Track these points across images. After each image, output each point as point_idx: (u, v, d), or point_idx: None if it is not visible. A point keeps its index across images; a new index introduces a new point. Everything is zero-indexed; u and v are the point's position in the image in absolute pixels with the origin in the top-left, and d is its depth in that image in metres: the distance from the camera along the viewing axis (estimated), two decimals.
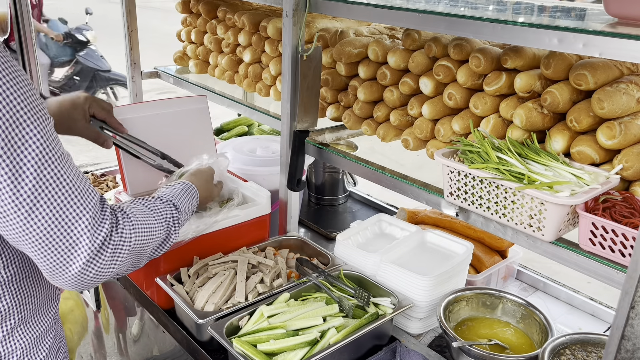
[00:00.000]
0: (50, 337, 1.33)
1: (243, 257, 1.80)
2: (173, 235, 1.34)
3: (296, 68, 1.86)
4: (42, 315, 1.30)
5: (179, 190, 1.46)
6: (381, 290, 1.72)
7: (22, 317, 1.24)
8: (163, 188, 1.47)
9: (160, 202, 1.36)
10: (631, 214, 1.22)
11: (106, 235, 1.10)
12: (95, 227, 1.09)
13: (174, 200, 1.39)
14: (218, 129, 3.16)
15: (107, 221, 1.11)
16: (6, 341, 1.22)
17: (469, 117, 1.64)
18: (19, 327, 1.24)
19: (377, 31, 2.16)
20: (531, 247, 1.37)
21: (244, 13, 2.33)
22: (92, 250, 1.08)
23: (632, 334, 0.93)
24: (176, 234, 1.35)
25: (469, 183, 1.43)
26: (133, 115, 1.88)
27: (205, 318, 1.57)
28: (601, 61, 1.42)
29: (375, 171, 1.75)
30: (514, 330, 1.73)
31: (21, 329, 1.25)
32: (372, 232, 2.09)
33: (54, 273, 1.08)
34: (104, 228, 1.10)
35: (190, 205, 1.47)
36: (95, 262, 1.09)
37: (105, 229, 1.10)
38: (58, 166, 1.04)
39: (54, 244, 1.05)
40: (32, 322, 1.27)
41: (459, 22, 1.41)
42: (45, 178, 1.02)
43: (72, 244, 1.06)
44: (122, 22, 2.69)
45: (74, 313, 2.74)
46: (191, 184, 1.51)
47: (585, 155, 1.40)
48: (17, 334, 1.24)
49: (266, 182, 2.12)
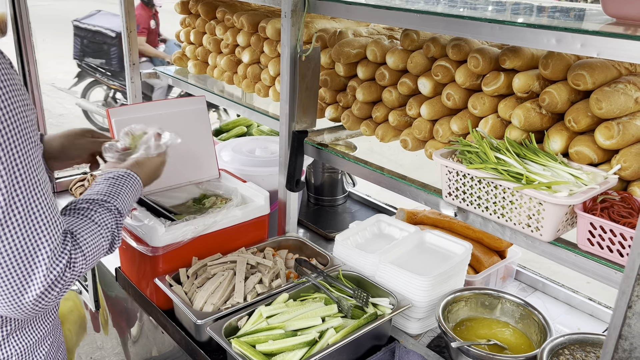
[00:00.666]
0: (47, 344, 1.32)
1: (242, 257, 1.80)
2: (117, 243, 1.32)
3: (295, 68, 1.86)
4: (40, 322, 1.30)
5: (125, 190, 1.38)
6: (380, 290, 1.72)
7: (19, 323, 1.23)
8: (107, 184, 1.37)
9: (107, 211, 1.29)
10: (629, 214, 1.22)
11: (61, 270, 1.10)
12: (54, 261, 1.08)
13: (118, 206, 1.33)
14: (217, 130, 3.16)
15: (65, 257, 1.11)
16: (2, 346, 1.21)
17: (468, 117, 1.64)
18: (15, 332, 1.23)
19: (376, 32, 2.16)
20: (529, 247, 1.37)
21: (243, 14, 2.33)
22: (46, 284, 1.07)
23: (630, 334, 0.93)
24: (119, 238, 1.32)
25: (468, 183, 1.43)
26: (132, 116, 1.89)
27: (204, 318, 1.57)
28: (599, 61, 1.42)
29: (374, 171, 1.76)
30: (513, 330, 1.73)
31: (18, 335, 1.24)
32: (371, 232, 2.09)
33: (6, 301, 1.06)
34: (61, 264, 1.10)
35: (132, 202, 1.43)
36: (46, 295, 1.09)
37: (62, 265, 1.10)
38: (30, 193, 1.04)
39: (12, 271, 1.04)
40: (30, 328, 1.27)
41: (457, 22, 1.41)
42: (15, 205, 1.01)
43: (29, 275, 1.05)
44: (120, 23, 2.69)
45: (73, 314, 2.74)
46: (137, 179, 1.45)
47: (584, 156, 1.40)
48: (13, 340, 1.23)
49: (265, 182, 2.12)
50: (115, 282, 2.11)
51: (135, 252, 1.82)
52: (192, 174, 2.05)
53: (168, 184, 2.00)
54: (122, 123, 1.86)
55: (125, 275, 2.01)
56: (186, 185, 2.05)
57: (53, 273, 1.08)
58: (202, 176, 2.08)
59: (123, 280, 2.03)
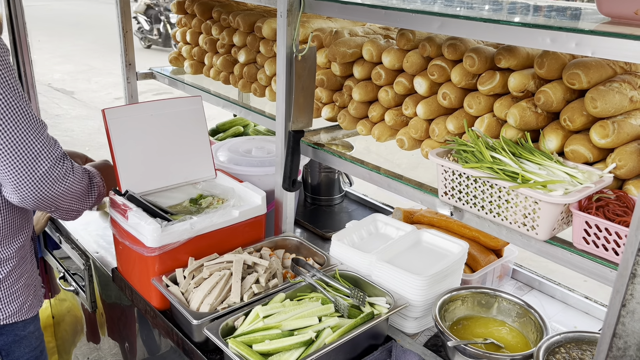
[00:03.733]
0: (10, 264, 1.76)
1: (238, 257, 1.80)
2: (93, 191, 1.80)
3: (291, 68, 1.86)
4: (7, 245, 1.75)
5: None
6: (377, 290, 1.72)
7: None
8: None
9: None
10: (624, 213, 1.23)
11: (61, 155, 1.62)
12: (53, 146, 1.60)
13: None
14: (214, 130, 3.16)
15: (60, 149, 1.63)
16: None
17: (464, 116, 1.64)
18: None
19: (372, 31, 2.16)
20: (525, 246, 1.38)
21: (239, 13, 2.33)
22: (52, 161, 1.58)
23: (624, 332, 0.93)
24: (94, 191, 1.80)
25: (463, 182, 1.44)
26: (128, 116, 1.88)
27: (201, 319, 1.57)
28: (594, 60, 1.43)
29: (370, 171, 1.76)
30: (510, 329, 1.73)
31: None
32: (368, 232, 2.09)
33: (22, 180, 1.54)
34: (59, 150, 1.62)
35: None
36: (54, 171, 1.58)
37: (59, 151, 1.61)
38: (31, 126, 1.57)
39: (23, 154, 1.53)
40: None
41: (452, 22, 1.41)
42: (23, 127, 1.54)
43: (37, 154, 1.56)
44: (116, 23, 2.68)
45: (70, 314, 2.73)
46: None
47: (579, 154, 1.41)
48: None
49: (262, 182, 2.12)
50: (112, 283, 2.11)
51: (131, 253, 1.82)
52: (188, 174, 2.05)
53: (164, 184, 1.99)
54: (118, 123, 1.86)
55: (122, 276, 2.01)
56: (182, 185, 2.05)
57: (55, 154, 1.60)
58: (198, 176, 2.07)
59: (120, 281, 2.03)
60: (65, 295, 2.70)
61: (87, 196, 1.77)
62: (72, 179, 1.66)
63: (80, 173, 1.70)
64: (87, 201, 1.78)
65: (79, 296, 2.50)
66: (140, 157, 1.92)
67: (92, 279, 2.31)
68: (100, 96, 9.58)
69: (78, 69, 11.37)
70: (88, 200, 1.78)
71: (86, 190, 1.74)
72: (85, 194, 1.75)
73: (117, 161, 1.86)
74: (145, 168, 1.93)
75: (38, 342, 1.94)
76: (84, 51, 12.87)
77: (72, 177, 1.65)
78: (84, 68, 11.47)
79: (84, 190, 1.73)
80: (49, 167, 1.58)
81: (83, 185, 1.72)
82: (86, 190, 1.74)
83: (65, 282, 2.54)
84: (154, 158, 1.95)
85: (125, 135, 1.88)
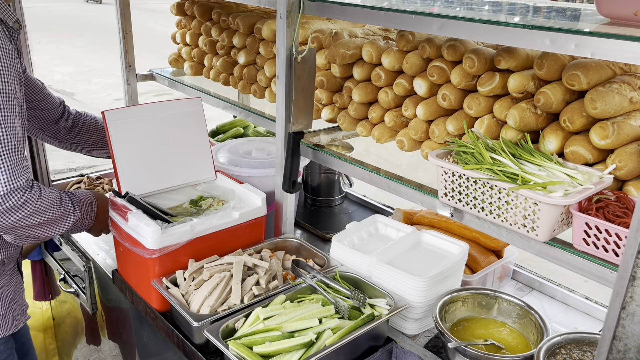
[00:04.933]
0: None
1: (239, 259, 1.80)
2: (65, 222, 1.74)
3: (291, 70, 1.86)
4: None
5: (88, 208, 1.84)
6: (377, 291, 1.72)
7: None
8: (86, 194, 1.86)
9: (70, 204, 1.76)
10: (624, 214, 1.23)
11: (23, 184, 1.52)
12: (17, 173, 1.51)
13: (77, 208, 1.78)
14: (214, 131, 3.16)
15: (26, 176, 1.53)
16: None
17: (463, 117, 1.64)
18: None
19: (372, 32, 2.16)
20: (525, 247, 1.38)
21: (239, 15, 2.33)
22: (7, 189, 1.49)
23: (624, 334, 0.93)
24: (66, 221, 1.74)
25: (463, 184, 1.44)
26: (127, 117, 1.88)
27: (201, 321, 1.57)
28: (594, 61, 1.43)
29: (370, 172, 1.76)
30: (510, 330, 1.73)
31: None
32: (368, 233, 2.09)
33: None
34: (24, 177, 1.53)
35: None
36: (7, 201, 1.49)
37: (23, 179, 1.53)
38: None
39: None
40: None
41: (452, 23, 1.41)
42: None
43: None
44: (116, 25, 2.69)
45: (70, 316, 2.73)
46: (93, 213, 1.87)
47: (579, 155, 1.41)
48: None
49: (262, 184, 2.12)
50: (112, 285, 2.11)
51: (131, 255, 1.82)
52: (188, 175, 2.05)
53: (164, 186, 2.00)
54: (118, 125, 1.86)
55: (122, 278, 2.01)
56: (183, 187, 2.05)
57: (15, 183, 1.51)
58: (198, 178, 2.07)
59: (120, 283, 2.03)
60: (65, 297, 2.70)
61: (55, 224, 1.70)
62: (33, 208, 1.56)
63: (49, 201, 1.63)
64: (54, 228, 1.71)
65: (79, 298, 2.50)
66: (140, 158, 1.92)
67: (93, 280, 2.31)
68: (101, 97, 9.58)
69: (78, 70, 11.37)
70: (57, 227, 1.71)
71: (58, 217, 1.68)
72: (54, 222, 1.68)
73: (117, 163, 1.86)
74: (145, 170, 1.94)
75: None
76: (84, 52, 12.88)
77: (34, 206, 1.56)
78: (84, 69, 11.47)
79: (53, 218, 1.67)
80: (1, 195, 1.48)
81: (50, 214, 1.64)
82: (57, 218, 1.68)
83: (66, 284, 2.54)
84: (154, 159, 1.96)
85: (125, 137, 1.88)
